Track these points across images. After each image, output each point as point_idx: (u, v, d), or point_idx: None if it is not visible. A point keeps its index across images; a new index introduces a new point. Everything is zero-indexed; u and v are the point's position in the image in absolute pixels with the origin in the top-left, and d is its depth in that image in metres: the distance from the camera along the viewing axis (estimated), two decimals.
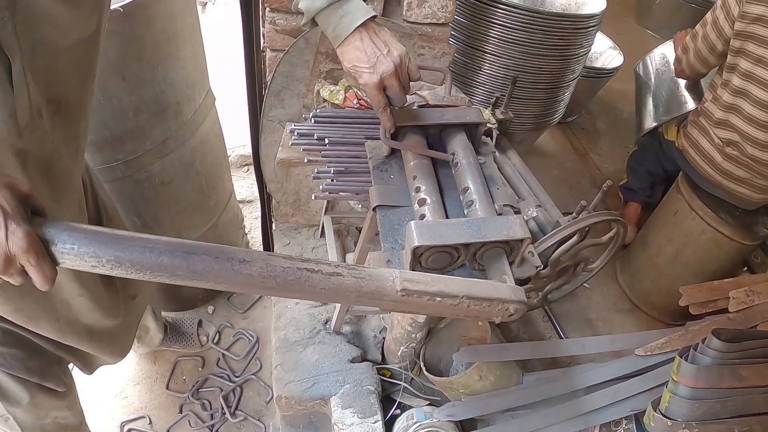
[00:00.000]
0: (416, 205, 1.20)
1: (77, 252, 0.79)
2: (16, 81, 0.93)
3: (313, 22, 1.22)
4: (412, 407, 1.84)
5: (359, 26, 1.18)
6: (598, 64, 3.78)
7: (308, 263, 0.89)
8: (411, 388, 1.92)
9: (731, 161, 2.36)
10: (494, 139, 1.63)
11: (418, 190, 1.24)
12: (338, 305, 1.88)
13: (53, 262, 0.79)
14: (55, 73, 1.04)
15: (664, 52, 3.21)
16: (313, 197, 1.38)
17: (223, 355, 2.46)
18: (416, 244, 1.05)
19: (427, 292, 0.94)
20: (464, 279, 1.01)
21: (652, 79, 3.21)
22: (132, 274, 0.81)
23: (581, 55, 2.84)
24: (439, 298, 0.96)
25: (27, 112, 0.99)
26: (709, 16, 2.38)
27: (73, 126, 1.20)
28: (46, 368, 1.59)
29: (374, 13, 1.20)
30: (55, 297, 1.39)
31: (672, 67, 2.88)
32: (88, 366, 1.78)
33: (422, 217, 1.17)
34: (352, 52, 1.20)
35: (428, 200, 1.21)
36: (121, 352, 1.82)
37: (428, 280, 0.96)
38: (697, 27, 2.46)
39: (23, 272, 0.78)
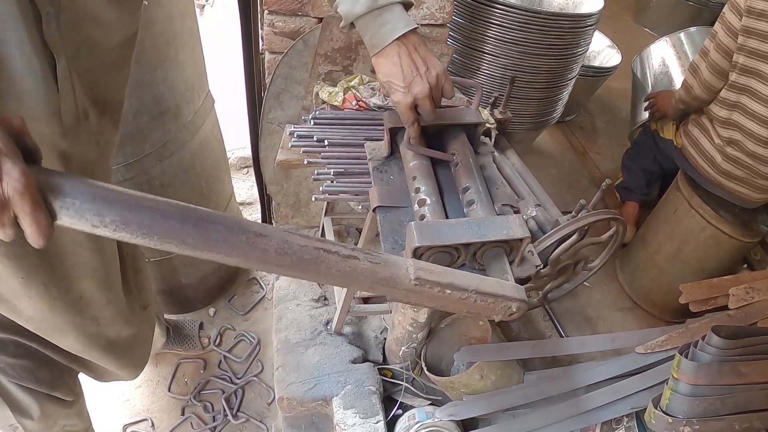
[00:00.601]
0: (416, 205, 1.21)
1: (78, 207, 0.69)
2: (61, 80, 0.91)
3: (352, 26, 1.18)
4: (414, 407, 1.84)
5: (398, 38, 1.14)
6: (596, 63, 3.79)
7: (325, 243, 0.86)
8: (412, 388, 1.92)
9: (731, 162, 2.36)
10: (493, 139, 1.63)
11: (417, 190, 1.24)
12: (339, 306, 1.88)
13: (51, 214, 0.69)
14: (100, 73, 1.03)
15: (660, 48, 3.22)
16: (313, 199, 1.39)
17: (225, 357, 2.46)
18: (416, 244, 1.05)
19: (440, 283, 0.93)
20: (473, 274, 1.01)
21: (648, 75, 3.22)
22: (137, 238, 0.73)
23: (579, 55, 2.85)
24: (449, 291, 0.95)
25: (72, 112, 0.97)
26: (717, 25, 2.34)
27: (117, 129, 1.19)
28: (57, 378, 1.59)
29: (415, 25, 1.16)
30: (85, 312, 1.38)
31: (667, 65, 2.88)
32: (101, 376, 1.78)
33: (422, 217, 1.18)
34: (388, 66, 1.16)
35: (428, 200, 1.21)
36: (138, 365, 1.82)
37: (441, 271, 0.95)
38: (706, 42, 2.39)
39: (15, 223, 0.66)
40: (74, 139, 1.00)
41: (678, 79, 2.98)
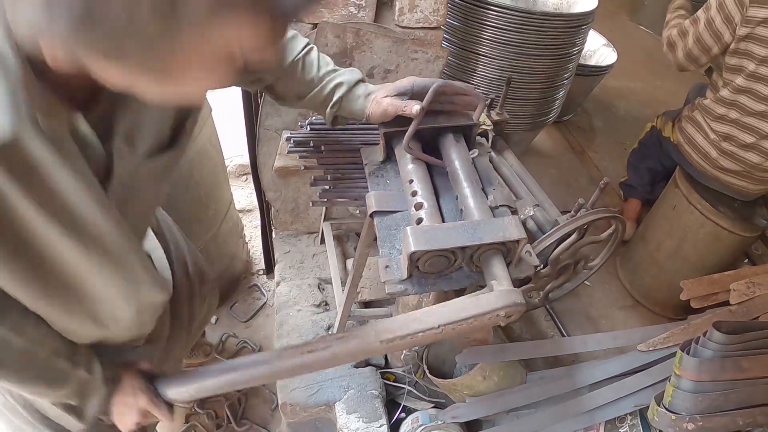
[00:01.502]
0: (413, 209, 1.21)
1: (178, 392, 1.19)
2: None
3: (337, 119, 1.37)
4: (417, 410, 1.84)
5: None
6: (592, 62, 3.79)
7: (306, 346, 1.11)
8: (415, 391, 1.92)
9: (727, 157, 2.36)
10: (490, 141, 1.64)
11: (414, 194, 1.24)
12: (340, 311, 1.88)
13: (170, 405, 1.21)
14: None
15: None
16: (310, 204, 1.39)
17: None
18: (412, 249, 1.05)
19: (403, 336, 1.04)
20: (440, 306, 1.07)
21: None
22: (209, 394, 1.22)
23: (575, 54, 2.85)
24: (420, 334, 1.04)
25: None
26: (701, 14, 2.35)
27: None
28: None
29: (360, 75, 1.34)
30: None
31: None
32: None
33: (419, 221, 1.18)
34: (387, 101, 1.28)
35: (425, 204, 1.21)
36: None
37: (401, 324, 1.05)
38: (699, 12, 2.39)
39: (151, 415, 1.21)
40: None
41: None
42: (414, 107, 1.24)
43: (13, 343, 0.93)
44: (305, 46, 1.30)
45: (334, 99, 1.30)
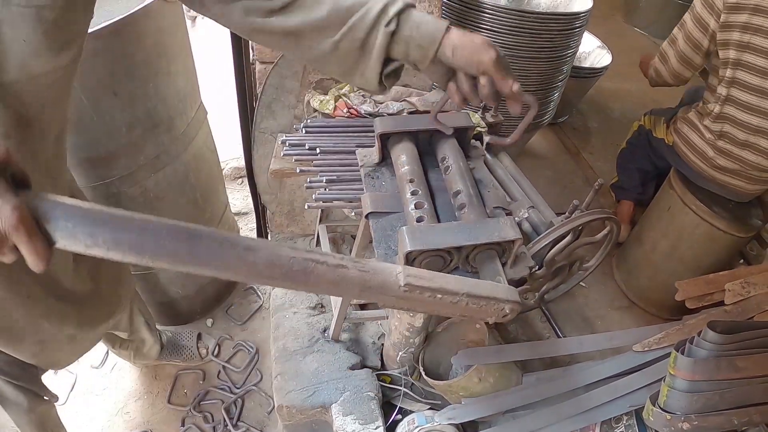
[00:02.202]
0: (413, 207, 1.22)
1: (72, 230, 0.72)
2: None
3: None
4: (413, 412, 1.84)
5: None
6: (586, 64, 3.80)
7: (313, 254, 0.87)
8: (411, 393, 1.92)
9: (723, 155, 2.37)
10: (484, 143, 1.64)
11: (414, 193, 1.25)
12: (336, 313, 1.89)
13: (47, 240, 0.72)
14: (26, 97, 1.00)
15: None
16: (306, 207, 1.39)
17: (224, 367, 2.46)
18: (408, 249, 1.06)
19: (430, 288, 0.94)
20: (464, 278, 1.01)
21: None
22: (130, 256, 0.75)
23: (569, 56, 2.86)
24: (440, 295, 0.95)
25: None
26: (687, 16, 2.39)
27: (44, 142, 1.15)
28: (41, 382, 1.61)
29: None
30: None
31: None
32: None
33: (420, 219, 1.18)
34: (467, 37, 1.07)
35: (425, 204, 1.22)
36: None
37: (430, 276, 0.96)
38: (675, 31, 2.47)
39: (15, 248, 0.70)
40: None
41: None
42: (514, 86, 1.12)
43: None
44: None
45: (389, 16, 1.04)
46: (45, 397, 1.62)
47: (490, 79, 1.11)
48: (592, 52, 3.89)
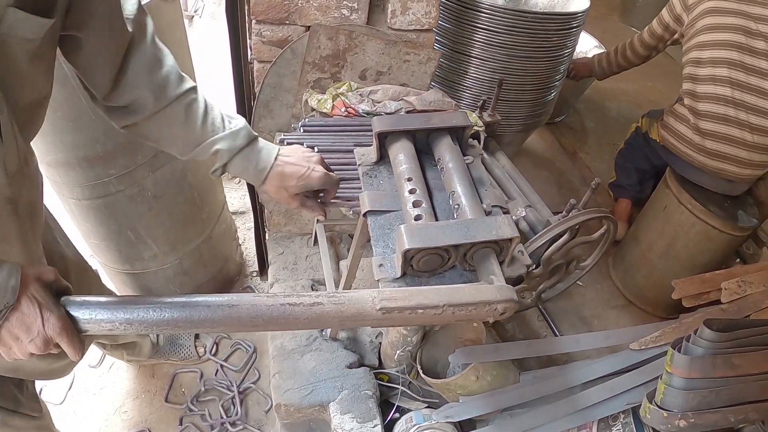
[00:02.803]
0: (411, 206, 1.22)
1: (96, 320, 0.93)
2: (5, 133, 0.94)
3: (223, 169, 1.27)
4: (411, 410, 1.85)
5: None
6: None
7: (290, 298, 0.98)
8: (409, 392, 1.93)
9: (708, 137, 2.41)
10: (482, 142, 1.65)
11: (412, 192, 1.25)
12: None
13: (80, 334, 0.93)
14: (33, 123, 1.07)
15: None
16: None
17: (221, 366, 2.46)
18: (406, 247, 1.06)
19: (407, 307, 1.00)
20: (445, 287, 1.05)
21: None
22: (142, 330, 0.95)
23: (566, 56, 2.87)
24: (420, 310, 1.00)
25: (15, 161, 1.00)
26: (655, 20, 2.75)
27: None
28: (19, 396, 1.55)
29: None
30: None
31: None
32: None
33: (418, 217, 1.19)
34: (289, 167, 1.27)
35: (423, 203, 1.23)
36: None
37: (406, 295, 1.01)
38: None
39: (57, 346, 0.92)
40: (18, 185, 1.03)
41: None
42: (320, 216, 1.34)
43: None
44: (190, 89, 1.22)
45: (217, 165, 1.26)
46: (21, 411, 1.59)
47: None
48: (588, 52, 3.89)
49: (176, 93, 1.19)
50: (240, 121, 1.26)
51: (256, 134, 1.28)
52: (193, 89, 1.23)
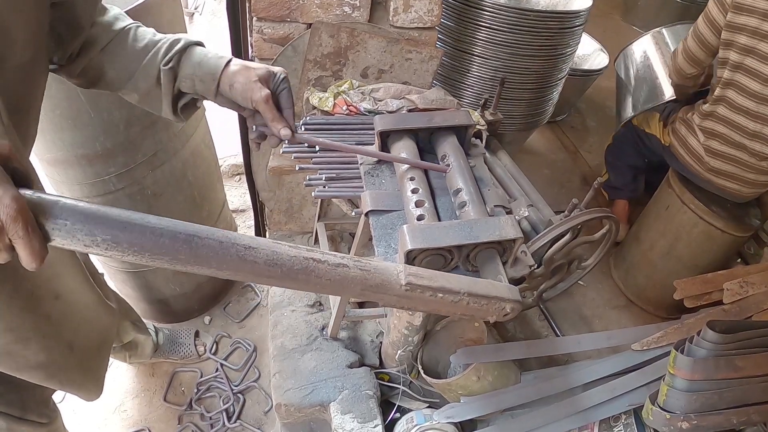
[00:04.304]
0: (413, 206, 1.21)
1: (70, 228, 0.70)
2: None
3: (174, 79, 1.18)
4: (412, 410, 1.84)
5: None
6: (585, 66, 3.80)
7: (314, 253, 0.87)
8: (410, 392, 1.92)
9: (718, 158, 2.37)
10: (484, 141, 1.64)
11: (415, 191, 1.24)
12: (335, 311, 1.88)
13: (44, 237, 0.69)
14: (11, 82, 1.01)
15: (642, 45, 3.24)
16: (313, 195, 1.38)
17: (221, 365, 2.45)
18: (409, 247, 1.05)
19: (431, 287, 0.94)
20: (465, 276, 1.01)
21: (631, 72, 3.24)
22: (129, 255, 0.74)
23: (568, 54, 2.86)
24: (441, 294, 0.95)
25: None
26: (701, 16, 2.36)
27: (25, 128, 1.15)
28: (28, 401, 1.53)
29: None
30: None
31: (650, 61, 2.93)
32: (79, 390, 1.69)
33: (421, 217, 1.18)
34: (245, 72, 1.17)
35: (426, 203, 1.22)
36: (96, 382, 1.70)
37: (432, 275, 0.96)
38: (689, 31, 2.45)
39: (10, 247, 0.67)
40: None
41: (661, 74, 3.01)
42: (283, 131, 1.17)
43: None
44: (134, 22, 1.21)
45: (169, 59, 1.15)
46: (27, 418, 1.57)
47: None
48: (590, 54, 3.89)
49: (123, 25, 1.19)
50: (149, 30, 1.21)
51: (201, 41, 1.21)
52: (138, 24, 1.21)
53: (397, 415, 1.86)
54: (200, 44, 1.19)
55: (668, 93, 2.91)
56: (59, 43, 1.12)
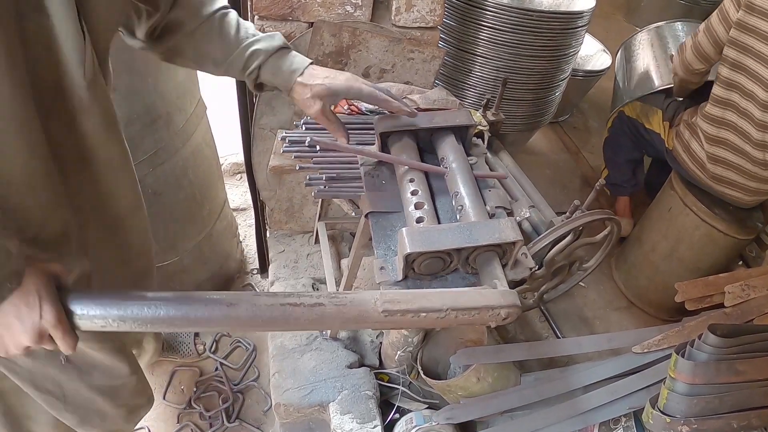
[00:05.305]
0: (413, 208, 1.20)
1: (89, 317, 0.93)
2: (84, 32, 0.96)
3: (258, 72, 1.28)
4: (411, 411, 1.84)
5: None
6: (588, 67, 3.79)
7: (290, 297, 0.96)
8: (409, 392, 1.92)
9: (720, 164, 2.35)
10: (486, 141, 1.63)
11: (414, 193, 1.24)
12: None
13: (74, 329, 0.94)
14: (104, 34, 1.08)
15: (640, 38, 3.23)
16: (313, 194, 1.37)
17: (221, 364, 2.45)
18: (408, 251, 1.05)
19: (409, 310, 0.98)
20: (449, 290, 1.04)
21: (627, 64, 3.23)
22: (136, 327, 0.94)
23: (570, 55, 2.85)
24: (423, 314, 0.99)
25: (91, 64, 1.01)
26: (714, 13, 2.30)
27: (107, 74, 1.20)
28: None
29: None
30: None
31: (645, 51, 2.91)
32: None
33: (420, 219, 1.17)
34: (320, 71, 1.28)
35: (426, 204, 1.21)
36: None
37: (409, 298, 0.99)
38: (701, 26, 2.40)
39: (52, 341, 0.93)
40: (92, 92, 1.04)
41: (653, 65, 3.00)
42: (342, 139, 1.29)
43: None
44: (222, 7, 1.27)
45: (252, 67, 1.26)
46: None
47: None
48: (593, 55, 3.88)
49: (211, 10, 1.25)
50: (275, 32, 1.30)
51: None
52: (226, 7, 1.28)
53: (397, 415, 1.86)
54: (282, 47, 1.28)
55: (658, 82, 2.89)
56: (139, 16, 1.20)
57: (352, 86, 1.27)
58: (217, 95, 2.64)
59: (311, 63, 1.28)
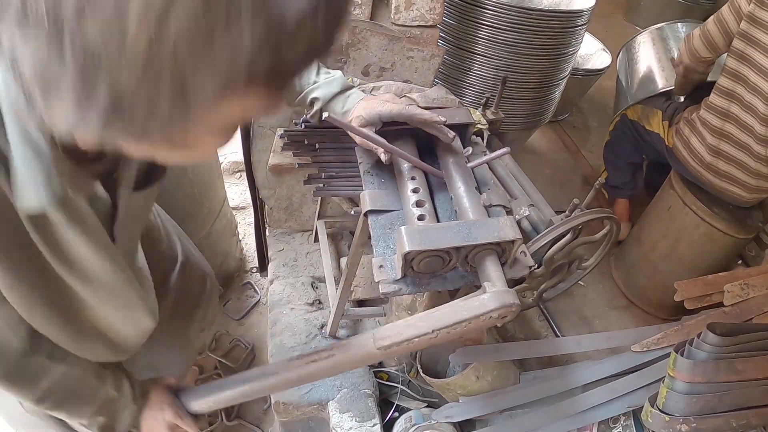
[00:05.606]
0: (414, 206, 1.20)
1: (200, 404, 1.29)
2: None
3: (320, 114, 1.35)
4: (410, 409, 1.84)
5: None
6: (588, 66, 3.79)
7: (308, 357, 1.15)
8: (408, 391, 1.92)
9: (721, 158, 2.34)
10: (485, 140, 1.63)
11: (415, 191, 1.23)
12: (334, 310, 1.88)
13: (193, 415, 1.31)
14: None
15: (642, 39, 3.23)
16: (312, 192, 1.38)
17: (220, 362, 2.45)
18: (407, 249, 1.05)
19: (401, 341, 1.05)
20: (434, 310, 1.07)
21: (629, 66, 3.23)
22: (227, 404, 1.32)
23: (570, 54, 2.85)
24: (416, 339, 1.05)
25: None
26: (726, 3, 2.30)
27: None
28: None
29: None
30: None
31: (647, 52, 2.89)
32: None
33: (421, 217, 1.17)
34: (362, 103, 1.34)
35: (426, 203, 1.21)
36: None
37: (397, 330, 1.07)
38: (711, 17, 2.37)
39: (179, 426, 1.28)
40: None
41: (656, 67, 3.00)
42: (382, 156, 1.31)
43: (52, 370, 1.09)
44: None
45: (313, 111, 1.36)
46: None
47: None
48: (593, 54, 3.88)
49: None
50: (336, 73, 1.38)
51: (352, 84, 1.40)
52: None
53: (396, 414, 1.86)
54: (344, 91, 1.36)
55: (661, 84, 2.89)
56: None
57: (401, 113, 1.30)
58: None
59: (362, 99, 1.34)
